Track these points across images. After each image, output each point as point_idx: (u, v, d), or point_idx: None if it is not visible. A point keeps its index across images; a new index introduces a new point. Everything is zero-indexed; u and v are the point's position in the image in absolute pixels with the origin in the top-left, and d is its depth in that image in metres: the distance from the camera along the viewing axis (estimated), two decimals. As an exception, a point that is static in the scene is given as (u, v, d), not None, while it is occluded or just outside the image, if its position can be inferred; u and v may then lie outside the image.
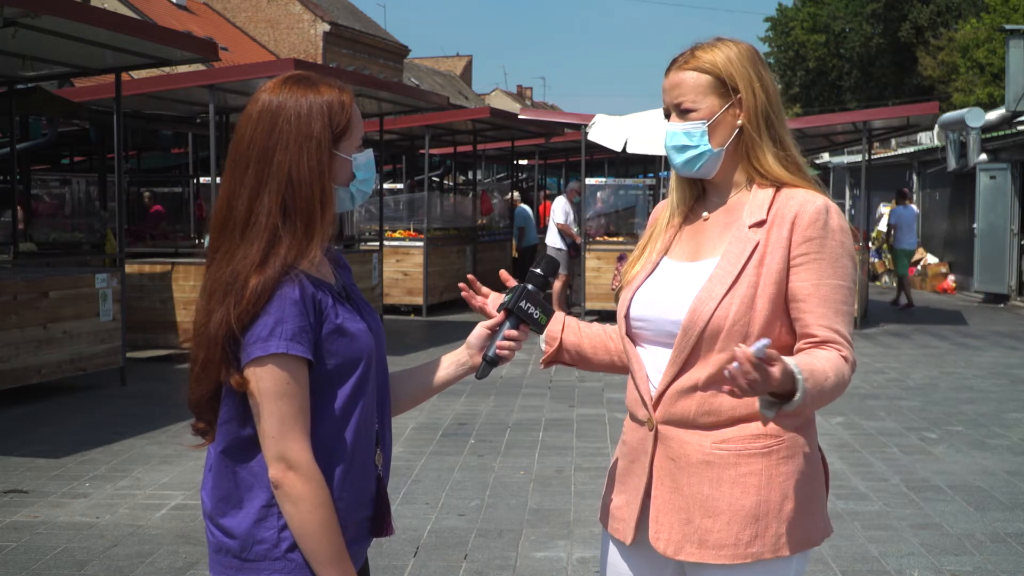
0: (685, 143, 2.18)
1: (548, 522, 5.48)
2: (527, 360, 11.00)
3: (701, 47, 2.20)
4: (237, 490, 1.94)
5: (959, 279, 20.91)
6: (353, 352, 1.95)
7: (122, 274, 9.50)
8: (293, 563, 1.91)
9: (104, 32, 8.43)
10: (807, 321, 2.10)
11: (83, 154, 18.80)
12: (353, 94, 2.02)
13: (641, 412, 2.22)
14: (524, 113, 17.26)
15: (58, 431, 7.57)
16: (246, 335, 1.86)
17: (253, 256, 1.88)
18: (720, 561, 2.12)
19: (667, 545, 2.16)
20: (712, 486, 2.12)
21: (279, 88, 1.96)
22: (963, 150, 19.36)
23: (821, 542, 2.19)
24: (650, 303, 2.22)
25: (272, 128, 1.93)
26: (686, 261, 2.23)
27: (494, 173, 29.31)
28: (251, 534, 1.92)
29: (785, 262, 2.11)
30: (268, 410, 1.87)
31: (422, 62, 63.64)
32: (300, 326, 1.87)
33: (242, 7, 46.32)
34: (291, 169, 1.91)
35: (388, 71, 48.39)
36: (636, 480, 2.23)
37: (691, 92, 2.17)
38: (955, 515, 5.64)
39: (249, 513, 1.92)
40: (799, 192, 2.16)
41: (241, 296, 1.86)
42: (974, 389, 9.62)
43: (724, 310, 2.09)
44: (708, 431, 2.13)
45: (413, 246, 15.43)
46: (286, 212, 1.91)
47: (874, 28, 42.28)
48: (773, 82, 2.22)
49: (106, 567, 4.76)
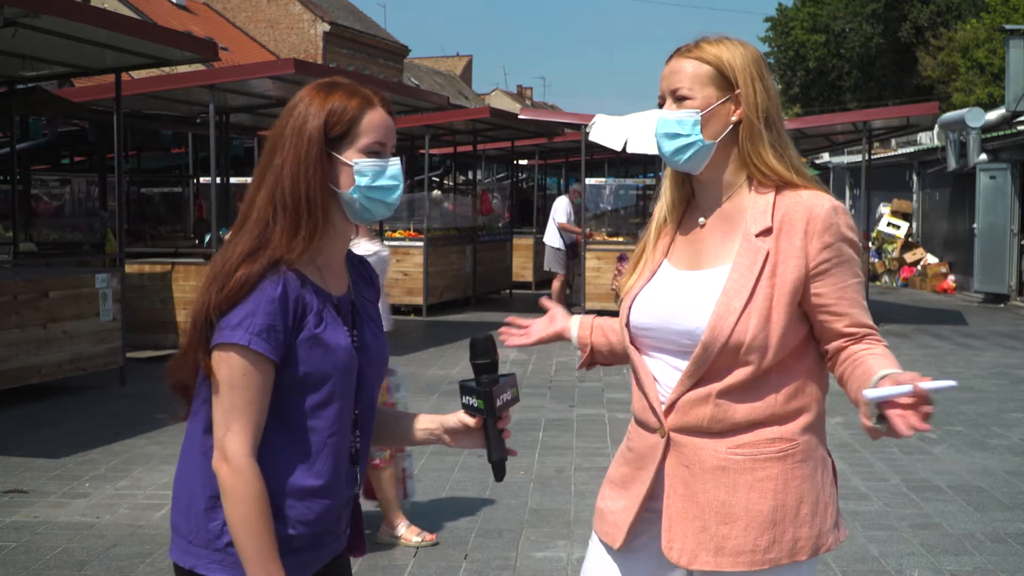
0: (676, 131, 2.14)
1: (548, 522, 5.48)
2: (527, 360, 11.00)
3: (707, 39, 2.18)
4: (194, 475, 1.98)
5: (959, 279, 20.90)
6: (326, 365, 1.95)
7: (122, 274, 9.50)
8: (232, 557, 1.92)
9: (104, 32, 8.43)
10: (842, 324, 2.13)
11: (83, 154, 18.78)
12: (376, 102, 2.01)
13: (651, 419, 2.19)
14: (524, 113, 17.25)
15: (58, 431, 7.57)
16: (220, 321, 1.90)
17: (243, 248, 1.93)
18: (737, 568, 2.09)
19: (681, 555, 2.13)
20: (728, 492, 2.10)
21: (303, 93, 2.02)
22: (963, 150, 19.35)
23: (835, 546, 2.17)
24: (652, 311, 2.20)
25: (281, 129, 1.99)
26: (686, 269, 2.20)
27: (494, 173, 29.29)
28: (200, 521, 1.96)
29: (801, 271, 2.09)
30: (219, 398, 1.90)
31: (422, 62, 63.63)
32: (270, 324, 1.89)
33: (242, 7, 46.31)
34: (284, 167, 1.95)
35: (388, 71, 48.39)
36: (639, 487, 2.21)
37: (689, 80, 2.14)
38: (955, 515, 5.64)
39: (200, 501, 1.96)
40: (804, 194, 2.13)
41: (225, 284, 1.90)
42: (974, 389, 9.61)
43: (744, 325, 2.07)
44: (722, 437, 2.11)
45: (413, 246, 15.43)
46: (276, 208, 1.95)
47: (874, 28, 42.24)
48: (774, 86, 2.21)
49: (106, 567, 4.76)
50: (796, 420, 2.13)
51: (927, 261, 22.27)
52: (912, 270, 22.45)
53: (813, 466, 2.14)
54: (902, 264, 22.76)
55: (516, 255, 19.54)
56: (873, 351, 2.10)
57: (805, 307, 2.13)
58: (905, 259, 22.74)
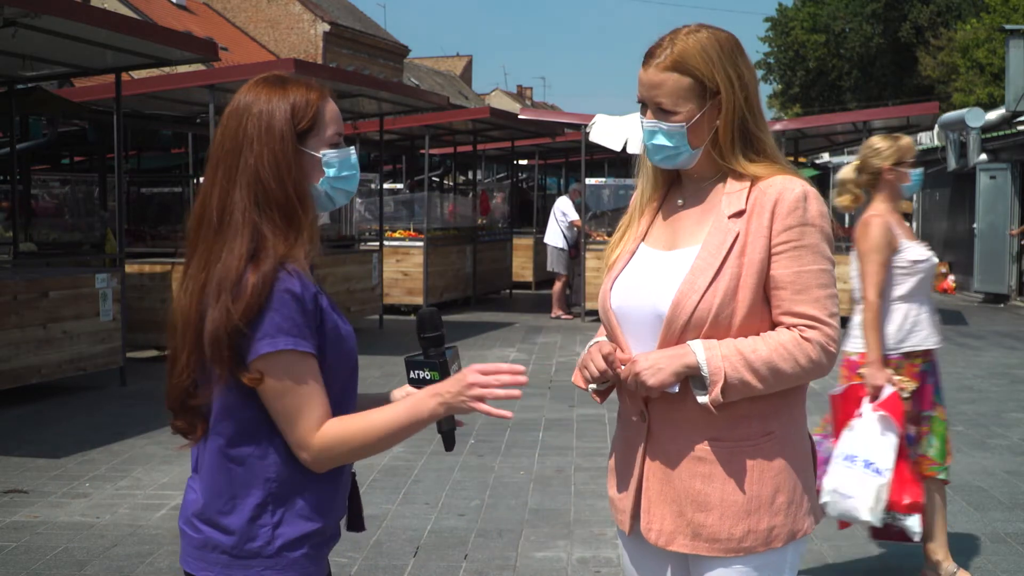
0: (664, 143, 2.18)
1: (548, 522, 5.48)
2: (527, 360, 11.00)
3: (680, 41, 2.15)
4: (231, 487, 1.95)
5: (959, 279, 20.91)
6: (346, 352, 1.99)
7: (122, 274, 9.50)
8: (285, 560, 1.94)
9: (104, 32, 8.43)
10: (781, 309, 2.13)
11: (83, 154, 18.78)
12: (327, 92, 2.03)
13: (634, 404, 2.22)
14: (524, 113, 17.25)
15: (58, 431, 7.57)
16: (254, 331, 1.88)
17: (240, 251, 1.90)
18: (713, 554, 2.14)
19: (659, 536, 2.19)
20: (704, 481, 2.14)
21: (249, 89, 2.02)
22: (963, 150, 19.35)
23: (811, 530, 2.21)
24: (629, 293, 2.22)
25: (239, 127, 1.97)
26: (663, 249, 2.23)
27: (494, 173, 29.30)
28: (245, 532, 1.94)
29: (766, 251, 2.11)
30: (278, 406, 1.90)
31: (422, 62, 63.63)
32: (304, 322, 1.90)
33: (242, 7, 46.31)
34: (258, 166, 1.94)
35: (388, 71, 48.39)
36: (631, 471, 2.24)
37: (672, 95, 2.15)
38: (955, 515, 5.64)
39: (244, 511, 1.94)
40: (778, 179, 2.16)
41: (240, 293, 1.87)
42: (974, 389, 9.62)
43: (707, 302, 2.10)
44: (700, 426, 2.13)
45: (413, 246, 15.43)
46: (261, 208, 1.94)
47: (874, 28, 42.26)
48: (752, 72, 2.21)
49: (106, 567, 4.76)
50: (773, 410, 2.15)
51: (927, 261, 22.25)
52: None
53: (791, 456, 2.17)
54: (902, 264, 22.73)
55: (516, 255, 19.55)
56: (764, 334, 2.12)
57: (766, 290, 2.14)
58: (905, 259, 22.72)
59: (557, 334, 13.33)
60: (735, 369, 2.05)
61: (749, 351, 2.07)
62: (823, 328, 2.12)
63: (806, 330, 2.11)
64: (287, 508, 1.94)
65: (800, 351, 2.09)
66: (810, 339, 2.10)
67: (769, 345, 2.09)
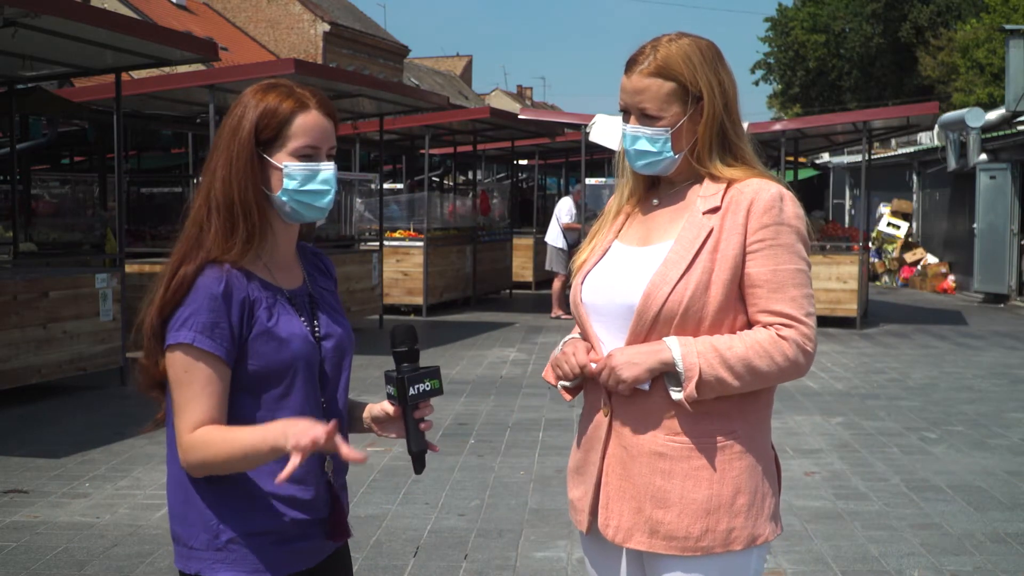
0: (647, 148, 2.20)
1: (548, 522, 5.48)
2: (527, 360, 10.99)
3: (663, 47, 2.18)
4: (182, 482, 2.01)
5: (959, 279, 20.91)
6: (282, 357, 1.99)
7: (122, 274, 9.50)
8: (233, 554, 1.97)
9: (104, 32, 8.43)
10: (758, 307, 2.13)
11: (83, 154, 18.79)
12: (313, 104, 2.02)
13: (599, 399, 2.22)
14: (524, 113, 17.26)
15: (58, 431, 7.57)
16: (168, 324, 1.96)
17: (180, 249, 1.99)
18: (670, 552, 2.14)
19: (616, 532, 2.19)
20: (664, 478, 2.14)
21: (243, 93, 2.05)
22: (963, 150, 19.36)
23: (772, 537, 2.20)
24: (600, 288, 2.23)
25: (221, 129, 2.03)
26: (636, 245, 2.24)
27: (494, 173, 29.30)
28: (195, 526, 1.99)
29: (740, 248, 2.12)
30: (173, 397, 1.97)
31: (422, 62, 63.64)
32: (214, 321, 1.93)
33: (242, 7, 46.31)
34: (216, 168, 2.00)
35: (388, 71, 48.39)
36: (592, 468, 2.24)
37: (655, 100, 2.17)
38: (955, 515, 5.64)
39: (193, 504, 2.00)
40: (755, 180, 2.18)
41: (167, 287, 1.96)
42: (974, 389, 9.62)
43: (678, 295, 2.10)
44: (663, 422, 2.14)
45: (413, 246, 15.44)
46: (210, 209, 1.99)
47: (874, 28, 42.24)
48: (732, 80, 2.24)
49: (106, 567, 4.76)
50: (738, 411, 2.15)
51: (927, 261, 22.27)
52: (912, 270, 22.46)
53: (754, 458, 2.17)
54: (902, 264, 22.78)
55: (516, 255, 19.55)
56: (741, 332, 2.12)
57: (741, 288, 2.15)
58: (905, 259, 22.75)
59: (557, 334, 13.32)
60: (711, 366, 2.06)
61: (725, 348, 2.07)
62: (800, 327, 2.12)
63: (783, 328, 2.11)
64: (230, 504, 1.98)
65: (777, 349, 2.10)
66: (787, 337, 2.11)
67: (745, 343, 2.09)
